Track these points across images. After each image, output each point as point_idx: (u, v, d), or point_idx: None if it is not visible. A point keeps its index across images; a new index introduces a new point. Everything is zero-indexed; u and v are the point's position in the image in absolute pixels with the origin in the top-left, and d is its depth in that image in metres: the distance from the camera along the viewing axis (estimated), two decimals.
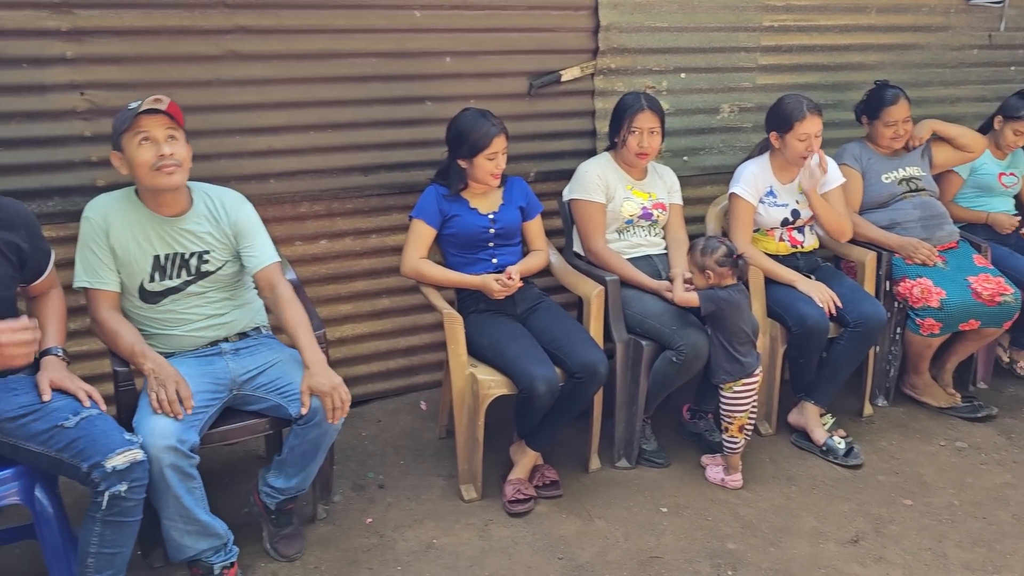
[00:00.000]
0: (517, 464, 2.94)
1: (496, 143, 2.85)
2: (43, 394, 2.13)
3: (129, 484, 2.05)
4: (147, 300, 2.46)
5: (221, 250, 2.52)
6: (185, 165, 2.40)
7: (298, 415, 2.39)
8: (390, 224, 3.38)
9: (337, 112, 3.18)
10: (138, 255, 2.42)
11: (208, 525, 2.32)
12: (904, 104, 3.51)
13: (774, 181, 3.32)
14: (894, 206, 3.57)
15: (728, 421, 2.95)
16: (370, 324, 3.47)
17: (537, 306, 3.01)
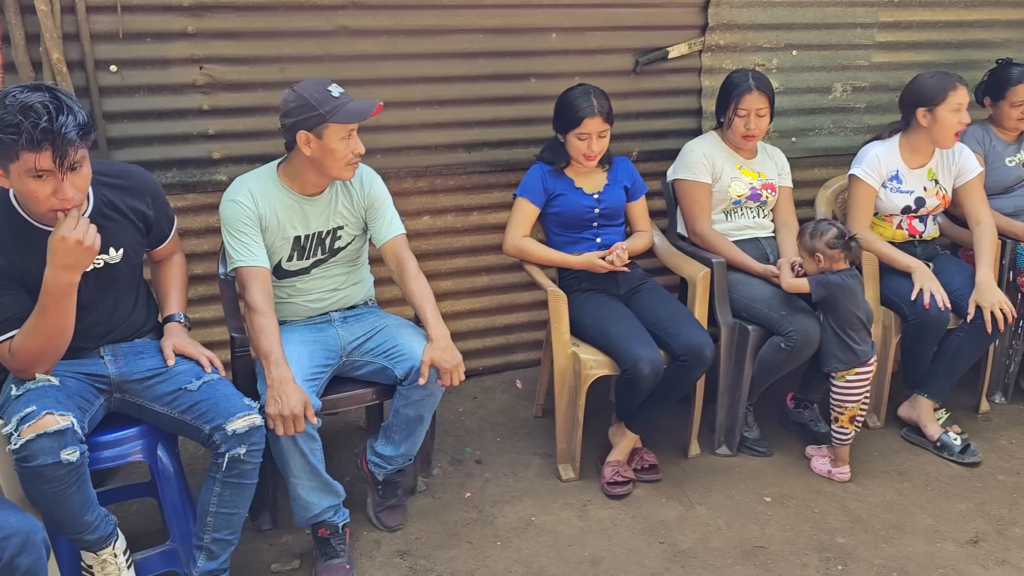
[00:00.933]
0: (616, 446, 2.90)
1: (587, 124, 2.78)
2: (167, 359, 2.21)
3: (248, 447, 2.10)
4: (281, 276, 2.52)
5: (353, 224, 2.56)
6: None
7: (404, 375, 2.41)
8: (492, 202, 3.38)
9: (443, 88, 3.19)
10: (280, 236, 2.46)
11: (330, 483, 2.38)
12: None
13: (901, 165, 3.16)
14: (1019, 191, 3.37)
15: (839, 411, 2.84)
16: (469, 301, 3.48)
17: (640, 287, 2.95)
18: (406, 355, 2.42)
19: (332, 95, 2.32)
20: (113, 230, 2.14)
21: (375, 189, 2.57)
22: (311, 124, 2.30)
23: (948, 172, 3.19)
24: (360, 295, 2.66)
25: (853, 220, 3.14)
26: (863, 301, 2.83)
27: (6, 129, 1.81)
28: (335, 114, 2.29)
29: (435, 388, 2.44)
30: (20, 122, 1.80)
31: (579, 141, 2.81)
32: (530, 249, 2.91)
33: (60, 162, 1.86)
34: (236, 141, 2.97)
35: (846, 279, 2.78)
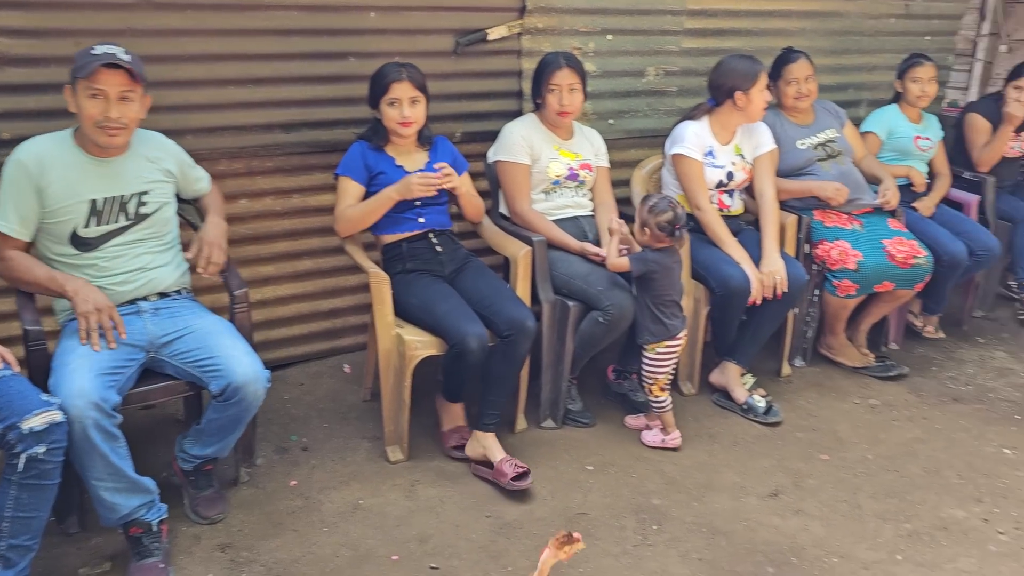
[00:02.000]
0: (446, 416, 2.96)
1: (395, 88, 2.79)
2: None
3: (48, 446, 1.98)
4: (80, 247, 2.38)
5: (159, 190, 2.48)
6: (132, 126, 2.37)
7: (219, 392, 2.33)
8: (312, 184, 3.30)
9: (257, 66, 3.08)
10: (73, 200, 2.34)
11: (137, 481, 2.25)
12: (805, 63, 3.55)
13: (714, 142, 3.34)
14: (811, 171, 3.63)
15: (649, 382, 2.98)
16: (292, 286, 3.39)
17: (465, 266, 2.98)
18: (222, 371, 2.32)
19: (91, 52, 2.26)
20: None
21: (176, 148, 2.59)
22: (71, 80, 2.29)
23: (750, 146, 3.41)
24: (172, 279, 2.53)
25: (693, 196, 3.27)
26: (678, 280, 2.96)
27: None
28: (80, 70, 2.25)
29: (250, 403, 2.36)
30: None
31: (390, 108, 2.80)
32: (351, 212, 2.86)
33: None
34: (27, 121, 2.74)
35: (664, 259, 2.88)
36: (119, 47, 2.31)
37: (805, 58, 3.56)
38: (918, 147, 3.94)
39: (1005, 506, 2.76)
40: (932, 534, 2.61)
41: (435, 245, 2.95)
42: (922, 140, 3.95)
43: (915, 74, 3.84)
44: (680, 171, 3.29)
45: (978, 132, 4.16)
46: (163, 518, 2.35)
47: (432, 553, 2.44)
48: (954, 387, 3.59)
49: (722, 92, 3.27)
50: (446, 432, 2.95)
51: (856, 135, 3.84)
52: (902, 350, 3.90)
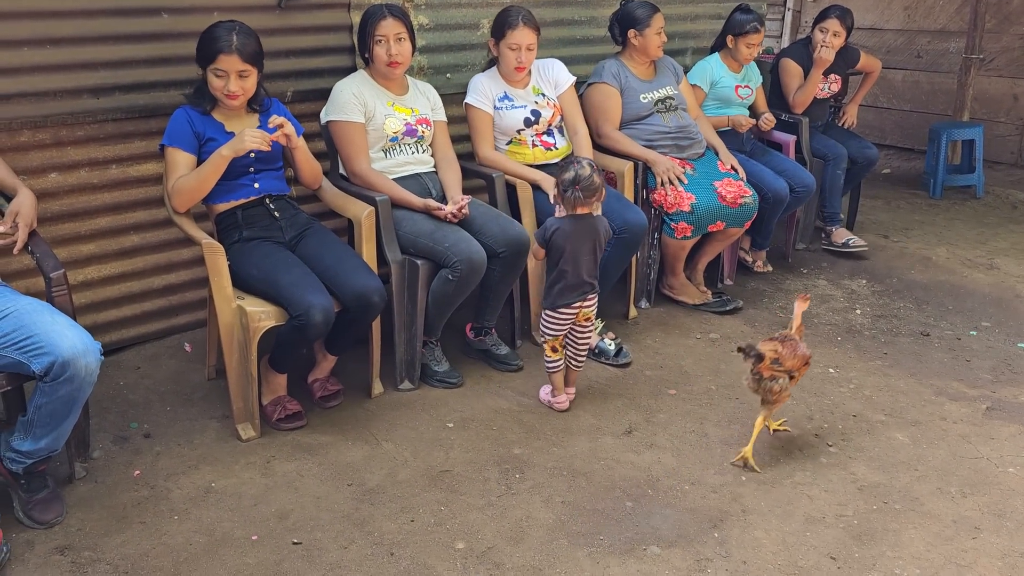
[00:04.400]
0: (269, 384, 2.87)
1: (222, 60, 2.61)
2: None
3: None
4: None
5: None
6: None
7: (44, 371, 2.13)
8: (132, 153, 3.07)
9: (55, 25, 2.80)
10: None
11: None
12: (660, 17, 3.68)
13: (507, 87, 3.41)
14: (652, 121, 3.75)
15: (541, 340, 2.98)
16: (118, 264, 3.15)
17: (306, 231, 2.87)
18: (45, 348, 2.12)
19: None
20: None
21: None
22: None
23: (548, 84, 3.52)
24: None
25: (478, 146, 3.43)
26: (586, 252, 2.85)
27: None
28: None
29: (83, 380, 2.17)
30: None
31: (216, 79, 2.63)
32: (184, 183, 2.66)
33: None
34: None
35: (567, 225, 2.82)
36: None
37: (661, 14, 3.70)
38: (739, 95, 4.13)
39: (832, 420, 2.99)
40: (771, 453, 2.79)
41: (273, 211, 2.82)
42: (742, 89, 4.14)
43: (750, 40, 3.99)
44: (469, 121, 3.45)
45: (792, 76, 4.40)
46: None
47: (294, 528, 2.37)
48: (783, 316, 3.83)
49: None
50: (268, 405, 2.85)
51: (689, 91, 3.98)
52: (736, 285, 4.12)
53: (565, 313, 2.91)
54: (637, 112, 3.74)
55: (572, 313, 2.92)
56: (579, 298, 2.90)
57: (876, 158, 4.62)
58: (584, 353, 3.02)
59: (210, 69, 2.62)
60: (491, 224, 3.05)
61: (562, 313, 2.90)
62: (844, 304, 3.98)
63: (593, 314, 2.98)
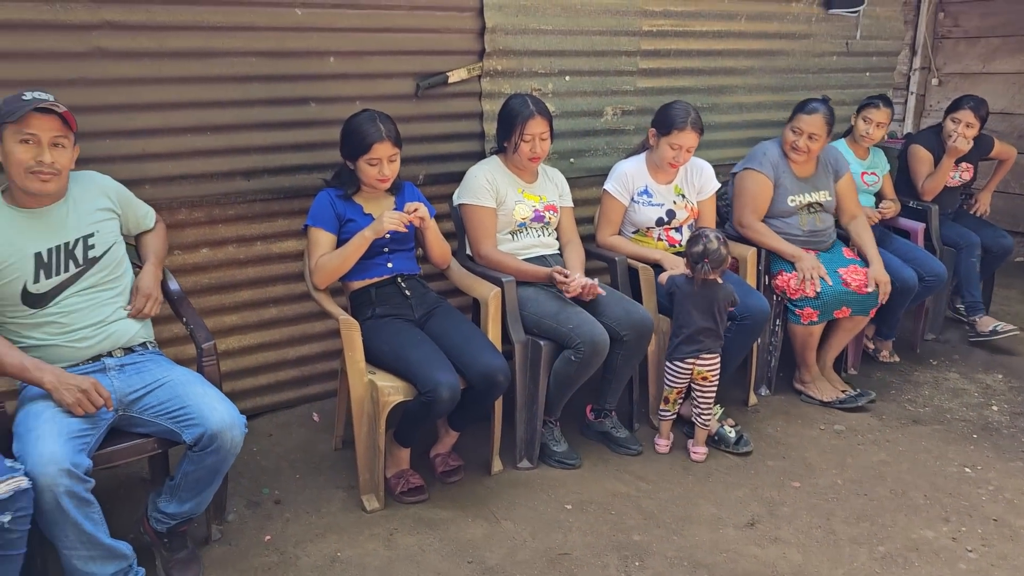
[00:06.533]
0: (396, 457, 2.94)
1: (376, 149, 2.76)
2: None
3: (13, 515, 1.89)
4: (34, 304, 2.30)
5: (105, 228, 2.42)
6: (64, 172, 2.29)
7: (194, 442, 2.26)
8: (276, 231, 3.27)
9: (216, 114, 3.04)
10: (16, 257, 2.26)
11: (113, 548, 2.16)
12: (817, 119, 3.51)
13: (650, 181, 3.43)
14: (786, 219, 3.66)
15: (664, 391, 3.25)
16: (257, 335, 3.33)
17: (435, 310, 2.96)
18: (196, 420, 2.25)
19: (21, 97, 2.20)
20: None
21: (114, 183, 2.56)
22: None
23: (692, 187, 3.52)
24: (134, 331, 2.46)
25: (600, 229, 3.50)
26: (702, 312, 3.12)
27: None
28: (10, 115, 2.17)
29: (228, 452, 2.29)
30: None
31: (370, 167, 2.78)
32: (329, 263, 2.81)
33: None
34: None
35: (687, 286, 3.16)
36: (46, 94, 2.24)
37: (821, 115, 3.50)
38: (864, 182, 4.08)
39: (971, 524, 2.82)
40: (905, 555, 2.65)
41: (404, 289, 2.93)
42: (868, 176, 4.09)
43: (867, 114, 3.97)
44: (601, 204, 3.52)
45: (921, 163, 4.31)
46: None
47: None
48: (913, 409, 3.67)
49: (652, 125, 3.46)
50: (392, 477, 2.91)
51: (850, 187, 3.81)
52: (860, 375, 3.99)
53: (681, 367, 3.15)
54: (778, 211, 3.66)
55: (688, 368, 3.13)
56: (693, 354, 3.13)
57: (1011, 247, 4.43)
58: (707, 412, 3.19)
59: (364, 160, 2.77)
60: (615, 307, 3.08)
61: (678, 366, 3.16)
62: (979, 399, 3.78)
63: (711, 374, 3.16)
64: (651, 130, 3.40)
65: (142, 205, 2.63)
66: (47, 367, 2.21)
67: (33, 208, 2.31)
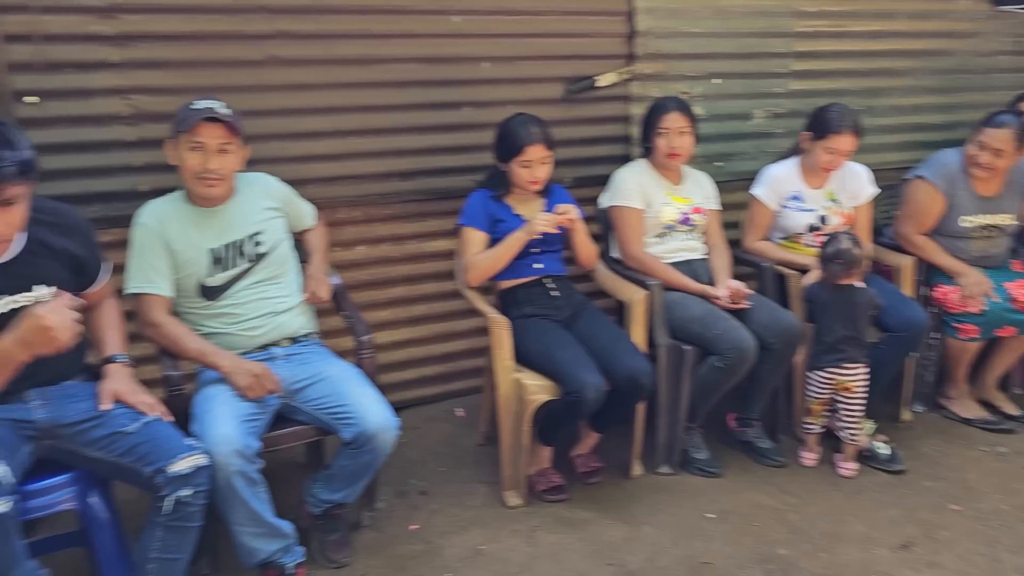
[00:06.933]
0: (538, 455, 2.97)
1: (529, 152, 2.82)
2: (101, 403, 2.10)
3: (193, 489, 2.04)
4: (209, 297, 2.48)
5: (271, 227, 2.57)
6: (230, 176, 2.45)
7: (351, 440, 2.37)
8: (428, 230, 3.38)
9: (376, 117, 3.18)
10: (194, 252, 2.44)
11: (277, 526, 2.31)
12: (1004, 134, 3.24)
13: (802, 186, 3.33)
14: (957, 241, 3.45)
15: (806, 402, 3.15)
16: (407, 331, 3.46)
17: (581, 312, 2.99)
18: (354, 420, 2.36)
19: (191, 107, 2.36)
20: (42, 267, 2.07)
21: (279, 183, 2.69)
22: (174, 134, 2.38)
23: (846, 193, 3.37)
24: (299, 323, 2.61)
25: (746, 234, 3.40)
26: (843, 319, 3.02)
27: None
28: (182, 123, 2.34)
29: (381, 451, 2.40)
30: None
31: (523, 169, 2.84)
32: (482, 262, 2.87)
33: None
34: (164, 173, 2.87)
35: (823, 293, 3.07)
36: (217, 101, 2.39)
37: (1010, 129, 3.23)
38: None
39: None
40: None
41: (551, 290, 2.97)
42: None
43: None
44: (749, 209, 3.43)
45: None
46: (299, 561, 2.39)
47: None
48: None
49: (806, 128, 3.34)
50: (533, 476, 2.95)
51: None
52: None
53: (822, 377, 3.05)
54: (947, 230, 3.43)
55: (830, 379, 3.03)
56: (835, 363, 3.02)
57: None
58: (853, 426, 3.07)
59: (517, 161, 2.84)
60: (762, 313, 3.01)
61: (820, 377, 3.05)
62: None
63: (854, 385, 3.04)
64: (805, 133, 3.30)
65: (305, 204, 2.77)
66: (224, 352, 2.38)
67: (207, 207, 2.48)
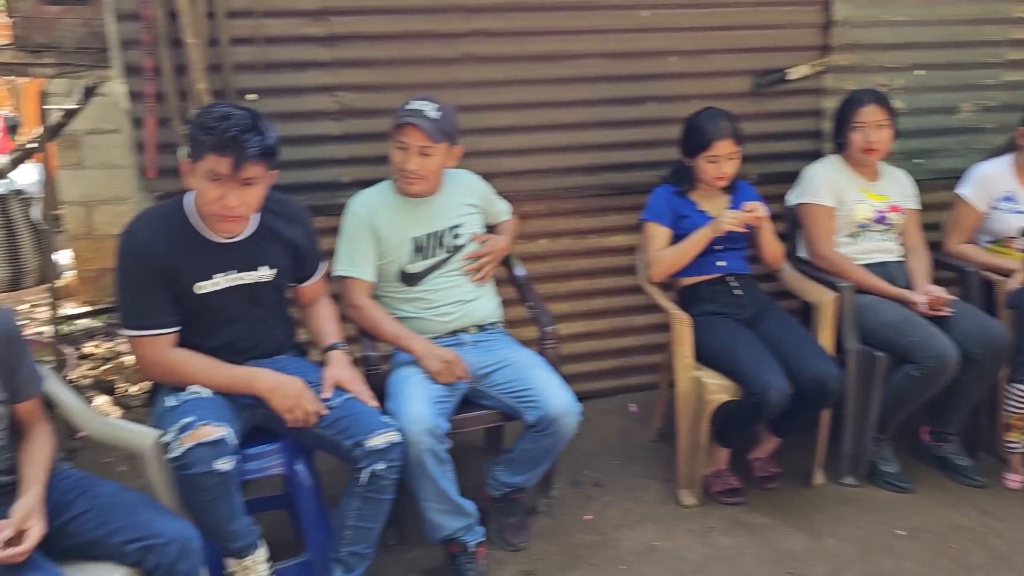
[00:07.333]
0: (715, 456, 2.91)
1: (717, 146, 2.78)
2: (325, 391, 2.24)
3: (387, 463, 2.16)
4: (408, 283, 2.62)
5: (469, 222, 2.67)
6: (430, 177, 2.55)
7: (534, 423, 2.43)
8: (608, 225, 3.41)
9: (563, 113, 3.24)
10: (399, 240, 2.58)
11: (461, 505, 2.41)
12: None
13: (1016, 186, 3.07)
14: None
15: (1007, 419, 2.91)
16: (584, 324, 3.49)
17: (764, 312, 2.91)
18: (539, 403, 2.42)
19: (405, 107, 2.48)
20: (268, 251, 2.26)
21: (480, 180, 2.78)
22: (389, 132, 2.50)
23: None
24: (487, 311, 2.70)
25: (948, 237, 3.18)
26: None
27: (204, 130, 2.02)
28: (394, 124, 2.46)
29: (563, 435, 2.45)
30: (215, 127, 2.00)
31: (709, 164, 2.80)
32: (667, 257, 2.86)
33: (235, 171, 2.01)
34: (364, 166, 3.07)
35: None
36: (432, 103, 2.48)
37: None
38: None
39: None
40: None
41: (734, 288, 2.91)
42: None
43: None
44: (954, 210, 3.20)
45: None
46: (480, 540, 2.48)
47: None
48: None
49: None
50: (709, 476, 2.90)
51: None
52: None
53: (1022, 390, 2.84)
54: None
55: None
56: None
57: None
58: None
59: (704, 156, 2.80)
60: (967, 321, 2.82)
61: (1019, 389, 2.84)
62: None
63: None
64: (1021, 128, 3.05)
65: (501, 202, 2.87)
66: (418, 337, 2.51)
67: (414, 199, 2.61)
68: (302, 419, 2.17)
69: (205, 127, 2.01)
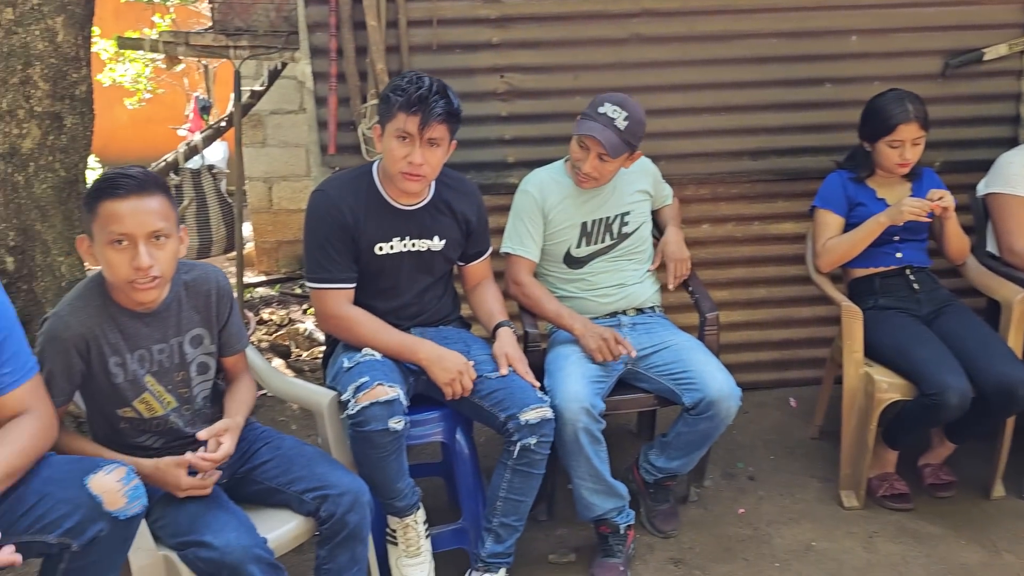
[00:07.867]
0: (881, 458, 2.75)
1: (902, 130, 2.61)
2: (500, 368, 2.29)
3: (538, 438, 2.19)
4: (571, 265, 2.63)
5: (638, 209, 2.65)
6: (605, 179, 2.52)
7: (693, 405, 2.39)
8: (774, 212, 3.29)
9: (732, 94, 3.15)
10: (568, 223, 2.59)
11: (614, 486, 2.41)
12: None
13: None
14: None
15: None
16: (745, 313, 3.39)
17: (945, 308, 2.72)
18: (697, 385, 2.38)
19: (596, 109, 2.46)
20: (441, 222, 2.36)
21: (651, 168, 2.75)
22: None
23: None
24: (646, 295, 2.68)
25: None
26: None
27: (396, 91, 2.16)
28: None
29: (721, 420, 2.40)
30: (407, 88, 2.13)
31: (891, 149, 2.65)
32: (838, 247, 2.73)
33: (422, 129, 2.12)
34: (530, 146, 3.11)
35: None
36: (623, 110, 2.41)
37: None
38: None
39: None
40: None
41: (912, 282, 2.74)
42: None
43: None
44: None
45: None
46: (630, 523, 2.47)
47: None
48: None
49: None
50: (874, 478, 2.74)
51: None
52: None
53: None
54: None
55: None
56: None
57: None
58: None
59: (885, 141, 2.65)
60: None
61: None
62: None
63: None
64: None
65: (666, 186, 2.83)
66: (578, 316, 2.52)
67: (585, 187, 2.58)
68: (459, 393, 2.24)
69: (398, 89, 2.15)
